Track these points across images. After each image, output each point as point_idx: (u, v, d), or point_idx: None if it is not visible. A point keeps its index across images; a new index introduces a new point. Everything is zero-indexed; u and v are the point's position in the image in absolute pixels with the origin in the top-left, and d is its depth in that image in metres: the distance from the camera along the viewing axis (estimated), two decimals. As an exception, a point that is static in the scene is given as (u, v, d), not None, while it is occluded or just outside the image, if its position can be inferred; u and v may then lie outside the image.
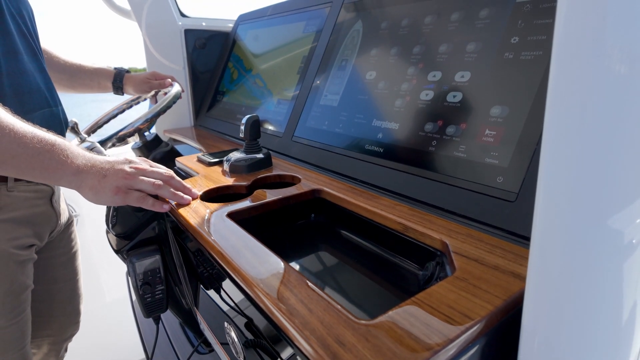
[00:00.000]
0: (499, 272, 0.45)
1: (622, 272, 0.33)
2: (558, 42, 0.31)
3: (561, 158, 0.32)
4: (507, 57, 0.60)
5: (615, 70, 0.29)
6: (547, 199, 0.34)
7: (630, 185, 0.31)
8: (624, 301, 0.34)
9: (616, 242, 0.32)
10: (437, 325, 0.36)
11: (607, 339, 0.36)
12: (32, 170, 0.64)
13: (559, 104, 0.32)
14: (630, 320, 0.35)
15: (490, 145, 0.58)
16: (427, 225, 0.57)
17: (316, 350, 0.34)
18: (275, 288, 0.44)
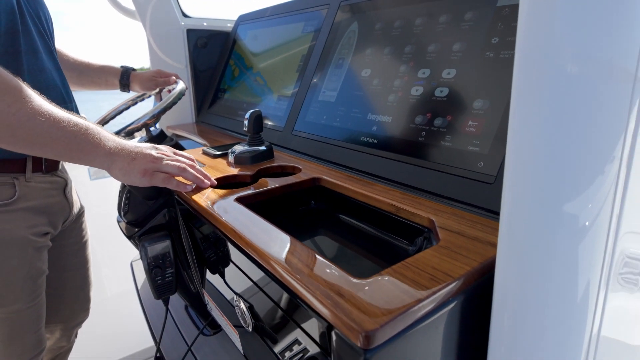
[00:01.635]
0: (478, 242, 0.51)
1: (578, 252, 0.39)
2: (519, 46, 0.38)
3: (522, 150, 0.38)
4: (488, 55, 0.67)
5: (568, 70, 0.35)
6: (512, 187, 0.40)
7: (582, 173, 0.37)
8: (578, 277, 0.40)
9: (571, 224, 0.38)
10: (422, 281, 0.43)
11: (565, 310, 0.41)
12: (70, 151, 0.71)
13: (520, 101, 0.38)
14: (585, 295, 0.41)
15: (473, 134, 0.65)
16: (417, 207, 0.64)
17: (320, 300, 0.41)
18: (284, 256, 0.50)
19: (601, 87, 0.36)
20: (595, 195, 0.38)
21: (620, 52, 0.35)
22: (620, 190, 0.39)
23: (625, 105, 0.36)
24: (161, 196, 0.91)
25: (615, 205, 0.39)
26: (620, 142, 0.37)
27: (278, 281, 0.49)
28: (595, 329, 0.44)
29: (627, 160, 0.38)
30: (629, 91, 0.36)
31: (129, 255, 1.62)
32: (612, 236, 0.40)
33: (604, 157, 0.37)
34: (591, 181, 0.37)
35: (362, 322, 0.37)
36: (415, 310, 0.40)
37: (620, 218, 0.40)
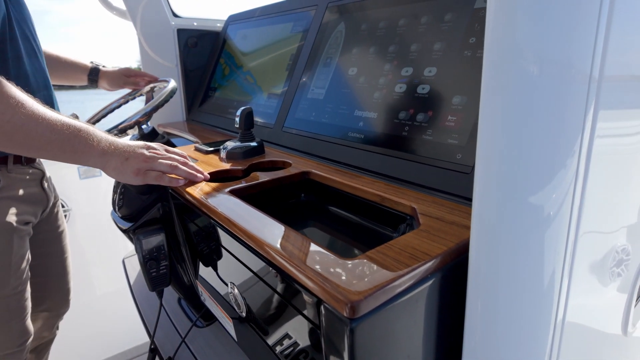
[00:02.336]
0: (455, 226, 0.56)
1: (544, 241, 0.43)
2: (487, 49, 0.42)
3: (491, 145, 0.43)
4: (466, 54, 0.72)
5: (530, 71, 0.39)
6: (482, 179, 0.44)
7: (546, 167, 0.41)
8: (544, 265, 0.44)
9: (537, 214, 0.42)
10: (404, 259, 0.47)
11: (532, 297, 0.45)
12: (64, 153, 0.73)
13: (488, 100, 0.42)
14: (550, 283, 0.45)
15: (452, 128, 0.70)
16: (400, 196, 0.68)
17: (310, 277, 0.45)
18: (276, 241, 0.54)
19: (561, 87, 0.39)
20: (558, 187, 0.41)
21: (577, 54, 0.39)
22: (580, 182, 0.43)
23: (582, 103, 0.40)
24: (155, 191, 0.94)
25: (576, 196, 0.43)
26: (579, 137, 0.41)
27: (271, 264, 0.52)
28: (560, 310, 0.48)
29: (585, 155, 0.42)
30: (585, 90, 0.40)
31: (119, 254, 1.64)
32: (574, 226, 0.44)
33: (565, 151, 0.41)
34: (554, 174, 0.41)
35: (348, 294, 0.41)
36: (396, 285, 0.44)
37: (582, 208, 0.45)
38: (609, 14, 0.39)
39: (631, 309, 0.72)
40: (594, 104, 0.40)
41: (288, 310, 0.55)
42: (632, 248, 0.69)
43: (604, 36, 0.39)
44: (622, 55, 0.42)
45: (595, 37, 0.39)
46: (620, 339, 0.74)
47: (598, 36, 0.39)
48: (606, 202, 0.51)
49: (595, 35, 0.39)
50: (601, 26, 0.39)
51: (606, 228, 0.55)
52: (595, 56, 0.39)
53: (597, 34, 0.39)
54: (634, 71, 0.47)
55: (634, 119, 0.50)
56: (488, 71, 0.42)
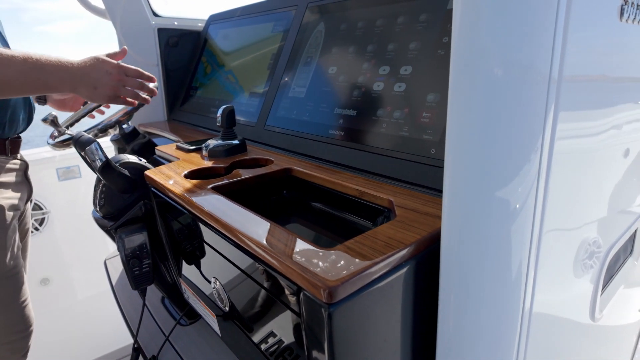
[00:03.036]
0: (429, 216, 0.58)
1: (511, 233, 0.46)
2: (454, 53, 0.44)
3: (458, 143, 0.45)
4: (440, 53, 0.75)
5: (494, 72, 0.42)
6: (451, 174, 0.47)
7: (511, 162, 0.43)
8: (512, 257, 0.46)
9: (503, 208, 0.44)
10: (379, 247, 0.49)
11: (501, 288, 0.48)
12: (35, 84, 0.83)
13: (455, 100, 0.45)
14: (518, 274, 0.47)
15: (427, 125, 0.73)
16: (378, 190, 0.70)
17: (290, 266, 0.47)
18: (260, 235, 0.55)
19: (523, 87, 0.42)
20: (523, 181, 0.44)
21: (537, 57, 0.42)
22: (544, 176, 0.46)
23: (543, 101, 0.43)
24: (137, 189, 0.94)
25: (540, 190, 0.46)
26: (541, 133, 0.44)
27: (253, 256, 0.54)
28: (528, 297, 0.50)
29: (548, 150, 0.45)
30: (545, 89, 0.43)
31: (100, 257, 1.62)
32: (538, 219, 0.47)
33: (528, 147, 0.43)
34: (519, 168, 0.44)
35: (325, 280, 0.43)
36: (372, 272, 0.46)
37: (546, 202, 0.47)
38: (566, 17, 0.42)
39: (598, 297, 0.76)
40: (555, 102, 0.43)
41: (270, 301, 0.56)
42: (602, 241, 0.73)
43: (562, 38, 0.42)
44: (580, 56, 0.45)
45: (554, 39, 0.41)
46: (589, 325, 0.78)
47: (556, 38, 0.41)
48: (573, 196, 0.54)
49: (554, 38, 0.41)
50: (559, 29, 0.41)
51: (575, 222, 0.59)
52: (554, 58, 0.42)
53: (555, 36, 0.41)
54: (591, 72, 0.50)
55: (594, 116, 0.54)
56: (455, 72, 0.44)
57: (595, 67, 0.51)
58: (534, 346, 0.55)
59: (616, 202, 0.73)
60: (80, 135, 0.91)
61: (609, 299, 0.84)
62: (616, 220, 0.78)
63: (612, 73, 0.56)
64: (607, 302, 0.83)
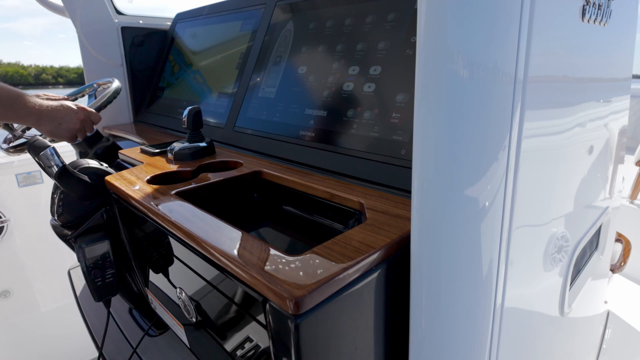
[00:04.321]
0: (399, 219, 0.57)
1: (481, 231, 0.45)
2: (419, 51, 0.43)
3: (426, 143, 0.44)
4: (408, 53, 0.74)
5: (460, 74, 0.41)
6: (419, 174, 0.46)
7: (479, 161, 0.43)
8: (482, 255, 0.46)
9: (473, 206, 0.44)
10: (349, 252, 0.48)
11: (473, 285, 0.47)
12: None
13: (422, 101, 0.44)
14: (489, 272, 0.47)
15: (396, 125, 0.72)
16: (349, 192, 0.69)
17: (254, 276, 0.44)
18: (224, 243, 0.53)
19: (488, 87, 0.42)
20: (492, 179, 0.44)
21: (503, 58, 0.41)
22: (512, 173, 0.45)
23: (509, 101, 0.42)
24: (98, 196, 0.89)
25: (509, 187, 0.46)
26: (508, 132, 0.43)
27: (216, 265, 0.51)
28: (499, 294, 0.50)
29: (515, 148, 0.45)
30: (511, 90, 0.42)
31: (64, 266, 1.54)
32: (507, 215, 0.47)
33: (496, 146, 0.43)
34: (487, 167, 0.43)
35: (292, 290, 0.41)
36: (341, 278, 0.44)
37: (515, 199, 0.47)
38: (530, 18, 0.41)
39: (566, 291, 0.77)
40: (521, 102, 0.43)
41: (236, 312, 0.54)
42: (570, 235, 0.74)
43: (527, 39, 0.42)
44: (543, 57, 0.45)
45: (518, 40, 0.41)
46: (558, 319, 0.79)
47: (521, 39, 0.41)
48: (540, 193, 0.54)
49: (518, 39, 0.41)
50: (523, 29, 0.41)
51: (543, 217, 0.59)
52: (519, 59, 0.42)
53: (520, 37, 0.41)
54: (554, 72, 0.50)
55: (559, 115, 0.54)
56: (421, 73, 0.43)
57: (559, 67, 0.51)
58: (506, 343, 0.55)
59: (582, 198, 0.74)
60: (34, 140, 0.85)
61: (577, 293, 0.86)
62: (582, 216, 0.80)
63: (575, 73, 0.56)
64: (576, 296, 0.85)
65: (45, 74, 23.79)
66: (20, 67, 21.54)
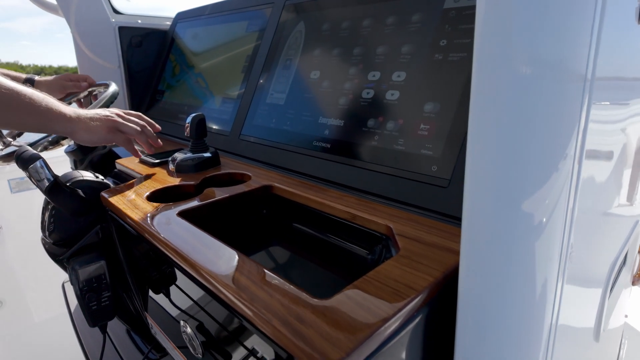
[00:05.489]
0: (436, 248, 0.50)
1: (535, 249, 0.39)
2: (477, 49, 0.37)
3: (482, 151, 0.38)
4: (437, 58, 0.67)
5: (522, 72, 0.35)
6: (472, 188, 0.39)
7: (538, 171, 0.37)
8: (536, 275, 0.40)
9: (528, 223, 0.38)
10: (386, 297, 0.41)
11: (526, 307, 0.41)
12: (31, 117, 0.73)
13: (478, 104, 0.37)
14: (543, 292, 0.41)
15: (425, 138, 0.65)
16: (373, 213, 0.62)
17: (278, 328, 0.37)
18: (235, 278, 0.45)
19: (554, 88, 0.36)
20: (550, 192, 0.38)
21: (572, 54, 0.35)
22: (573, 185, 0.40)
23: (577, 104, 0.37)
24: (92, 211, 0.81)
25: (570, 200, 0.40)
26: (573, 140, 0.37)
27: (230, 308, 0.44)
28: (553, 321, 0.45)
29: (578, 157, 0.39)
30: (580, 91, 0.37)
31: (59, 275, 1.46)
32: (567, 229, 0.41)
33: (558, 154, 0.37)
34: (546, 178, 0.38)
35: (326, 351, 0.34)
36: (381, 332, 0.37)
37: (574, 212, 0.41)
38: (601, 13, 0.35)
39: (604, 308, 0.72)
40: (587, 105, 0.37)
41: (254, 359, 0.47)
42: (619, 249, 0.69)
43: (597, 37, 0.36)
44: (612, 56, 0.40)
45: (590, 37, 0.35)
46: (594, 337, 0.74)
47: (592, 37, 0.35)
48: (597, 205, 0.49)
49: (590, 36, 0.35)
50: (595, 26, 0.35)
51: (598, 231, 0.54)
52: (589, 57, 0.36)
53: (592, 35, 0.35)
54: (622, 73, 0.44)
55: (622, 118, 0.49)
56: (478, 75, 0.37)
57: (618, 68, 0.45)
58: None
59: (628, 210, 0.69)
60: (22, 151, 0.78)
61: (611, 309, 0.82)
62: (625, 228, 0.75)
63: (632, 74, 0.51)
64: (611, 312, 0.81)
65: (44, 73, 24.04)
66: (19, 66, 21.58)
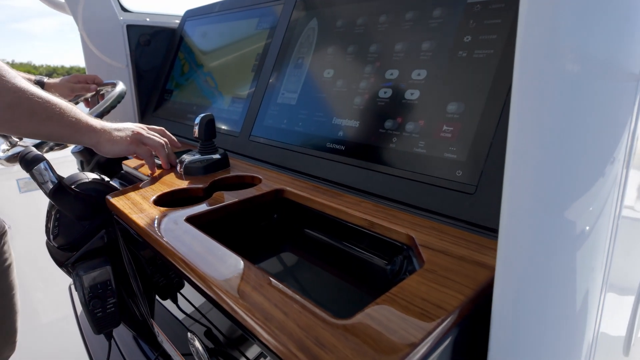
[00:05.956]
0: (465, 262, 0.46)
1: (576, 260, 0.36)
2: (520, 46, 0.33)
3: (523, 155, 0.34)
4: (461, 55, 0.63)
5: (569, 69, 0.31)
6: (512, 193, 0.35)
7: (582, 177, 0.33)
8: (577, 288, 0.36)
9: (570, 232, 0.34)
10: (413, 319, 0.37)
11: (564, 322, 0.38)
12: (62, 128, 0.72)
13: (520, 104, 0.33)
14: (583, 306, 0.38)
15: (448, 140, 0.60)
16: (392, 220, 0.58)
17: (295, 354, 0.33)
18: (247, 294, 0.42)
19: (604, 87, 0.32)
20: (595, 198, 0.34)
21: (624, 51, 0.32)
22: (620, 191, 0.36)
23: (629, 105, 0.33)
24: (98, 215, 0.79)
25: (616, 207, 0.36)
26: (623, 143, 0.34)
27: (242, 326, 0.41)
28: (594, 339, 0.41)
29: (627, 162, 0.35)
30: (633, 91, 0.33)
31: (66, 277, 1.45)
32: (612, 237, 0.38)
33: (605, 158, 0.34)
34: (592, 183, 0.34)
35: (350, 383, 0.30)
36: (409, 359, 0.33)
37: (619, 219, 0.38)
38: None
39: (636, 319, 0.68)
40: (638, 106, 0.33)
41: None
42: None
43: None
44: None
45: None
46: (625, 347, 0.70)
47: None
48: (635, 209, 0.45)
49: None
50: None
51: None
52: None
53: None
54: None
55: None
56: (521, 71, 0.33)
57: None
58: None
59: None
60: (26, 152, 0.75)
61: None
62: None
63: None
64: None
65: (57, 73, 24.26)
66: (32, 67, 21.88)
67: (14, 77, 0.65)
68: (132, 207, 0.67)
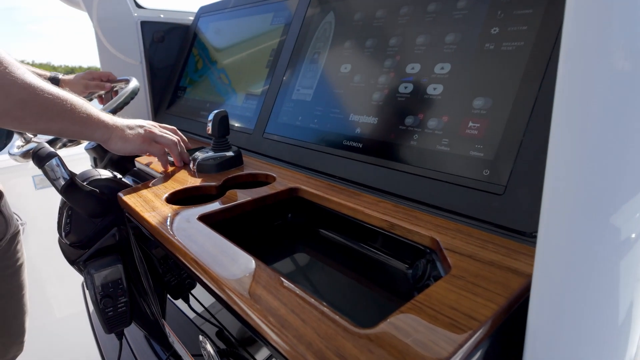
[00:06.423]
0: (495, 268, 0.43)
1: (620, 269, 0.32)
2: (566, 41, 0.30)
3: (567, 156, 0.31)
4: (488, 47, 0.59)
5: (619, 67, 0.28)
6: (553, 197, 0.32)
7: (630, 180, 0.30)
8: (620, 299, 0.33)
9: (615, 239, 0.31)
10: (442, 330, 0.34)
11: (605, 335, 0.35)
12: (74, 125, 0.70)
13: (565, 104, 0.30)
14: (627, 318, 0.34)
15: (475, 137, 0.57)
16: (414, 222, 0.55)
17: (316, 367, 0.31)
18: (262, 298, 0.39)
19: None
20: None
21: None
22: None
23: None
24: (110, 213, 0.77)
25: None
26: None
27: (256, 332, 0.38)
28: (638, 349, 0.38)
29: None
30: None
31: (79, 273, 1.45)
32: None
33: None
34: None
35: (376, 402, 0.27)
36: (439, 374, 0.30)
37: None
38: None
39: None
40: None
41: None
42: None
43: None
44: None
45: None
46: None
47: None
48: None
49: None
50: None
51: None
52: None
53: None
54: None
55: None
56: (566, 67, 0.30)
57: None
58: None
59: None
60: (39, 148, 0.74)
61: None
62: None
63: None
64: None
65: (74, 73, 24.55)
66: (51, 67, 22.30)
67: (24, 73, 0.63)
68: (144, 204, 0.66)
